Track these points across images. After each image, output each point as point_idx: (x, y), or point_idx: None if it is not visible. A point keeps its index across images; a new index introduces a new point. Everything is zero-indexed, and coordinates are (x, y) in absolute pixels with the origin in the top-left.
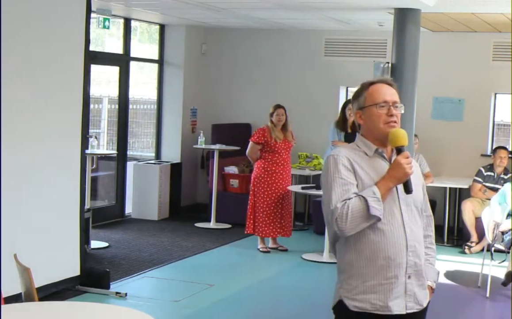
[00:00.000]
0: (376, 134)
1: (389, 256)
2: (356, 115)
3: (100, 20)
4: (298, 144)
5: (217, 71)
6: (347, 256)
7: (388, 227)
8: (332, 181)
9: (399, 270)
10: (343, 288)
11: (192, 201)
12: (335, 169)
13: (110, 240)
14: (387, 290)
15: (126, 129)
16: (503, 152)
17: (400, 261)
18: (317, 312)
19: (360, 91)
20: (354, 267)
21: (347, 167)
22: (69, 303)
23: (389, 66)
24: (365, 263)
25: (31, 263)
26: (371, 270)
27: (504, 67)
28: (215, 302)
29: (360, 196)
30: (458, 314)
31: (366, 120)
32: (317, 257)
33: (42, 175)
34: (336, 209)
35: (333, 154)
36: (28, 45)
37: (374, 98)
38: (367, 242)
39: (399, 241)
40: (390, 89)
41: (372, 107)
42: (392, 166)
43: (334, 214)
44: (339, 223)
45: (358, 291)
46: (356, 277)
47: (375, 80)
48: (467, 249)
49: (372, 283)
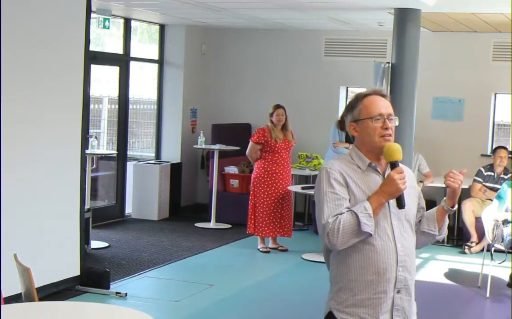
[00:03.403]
0: (370, 147)
1: (378, 271)
2: (350, 127)
3: (100, 20)
4: (298, 144)
5: (217, 71)
6: (338, 268)
7: (379, 242)
8: (324, 195)
9: (388, 285)
10: (333, 300)
11: (192, 201)
12: (327, 183)
13: (110, 240)
14: (376, 305)
15: (126, 129)
16: (503, 152)
17: (389, 276)
18: (317, 312)
19: (354, 103)
20: (344, 280)
21: (339, 181)
22: (69, 303)
23: (389, 66)
24: (354, 276)
25: (31, 263)
26: (361, 284)
27: (504, 67)
28: (215, 302)
29: (352, 211)
30: (458, 314)
31: (361, 133)
32: (317, 257)
33: (42, 175)
34: (327, 224)
35: (326, 168)
36: (28, 45)
37: (370, 111)
38: (358, 256)
39: (389, 256)
40: (385, 102)
41: (367, 120)
42: (385, 181)
43: (326, 229)
44: (330, 238)
45: (348, 304)
46: (346, 290)
47: (370, 92)
48: (467, 249)
49: (362, 297)
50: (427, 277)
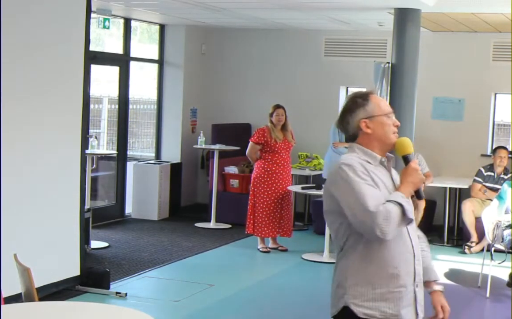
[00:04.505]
0: (383, 143)
1: (399, 265)
2: (361, 123)
3: (100, 20)
4: (298, 144)
5: (217, 71)
6: (356, 263)
7: (398, 236)
8: (359, 187)
9: (408, 279)
10: (349, 295)
11: (192, 201)
12: (356, 176)
13: (110, 240)
14: (397, 298)
15: (126, 129)
16: (503, 152)
17: (409, 270)
18: (317, 312)
19: (365, 99)
20: (363, 274)
21: (365, 173)
22: (69, 303)
23: (389, 66)
24: (375, 270)
25: (31, 263)
26: (382, 278)
27: (504, 67)
28: (215, 302)
29: (393, 201)
30: (458, 314)
31: (375, 129)
32: (317, 257)
33: (42, 175)
34: (379, 212)
35: (346, 163)
36: (28, 45)
37: (383, 108)
38: (378, 249)
39: (407, 250)
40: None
41: (382, 117)
42: (409, 172)
43: (378, 217)
44: (383, 226)
45: (367, 298)
46: (365, 284)
47: (371, 91)
48: (467, 249)
49: (382, 291)
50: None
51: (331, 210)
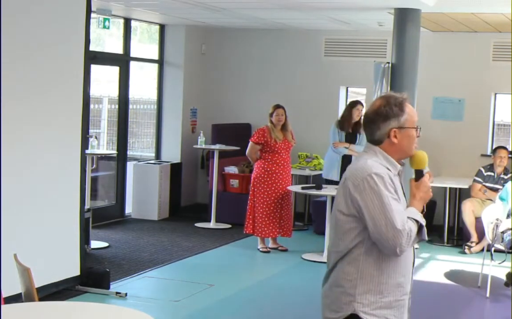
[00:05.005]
0: (404, 154)
1: (406, 273)
2: (391, 132)
3: (100, 20)
4: (298, 144)
5: (217, 71)
6: (368, 271)
7: None
8: (388, 201)
9: (409, 287)
10: (357, 303)
11: (192, 201)
12: (385, 188)
13: (110, 240)
14: (401, 306)
15: (126, 129)
16: (503, 152)
17: (409, 278)
18: (317, 312)
19: (402, 109)
20: (374, 283)
21: (392, 186)
22: (69, 303)
23: (389, 66)
24: (386, 279)
25: (31, 263)
26: (391, 287)
27: (504, 67)
28: (215, 302)
29: (412, 219)
30: (458, 314)
31: (402, 140)
32: (317, 257)
33: (42, 175)
34: (404, 231)
35: (375, 172)
36: (28, 45)
37: (414, 120)
38: (390, 259)
39: (411, 259)
40: None
41: (412, 130)
42: (421, 188)
43: (402, 235)
44: (404, 246)
45: (376, 306)
46: (375, 292)
47: (405, 97)
48: (467, 249)
49: (389, 299)
50: (427, 277)
51: (347, 213)
